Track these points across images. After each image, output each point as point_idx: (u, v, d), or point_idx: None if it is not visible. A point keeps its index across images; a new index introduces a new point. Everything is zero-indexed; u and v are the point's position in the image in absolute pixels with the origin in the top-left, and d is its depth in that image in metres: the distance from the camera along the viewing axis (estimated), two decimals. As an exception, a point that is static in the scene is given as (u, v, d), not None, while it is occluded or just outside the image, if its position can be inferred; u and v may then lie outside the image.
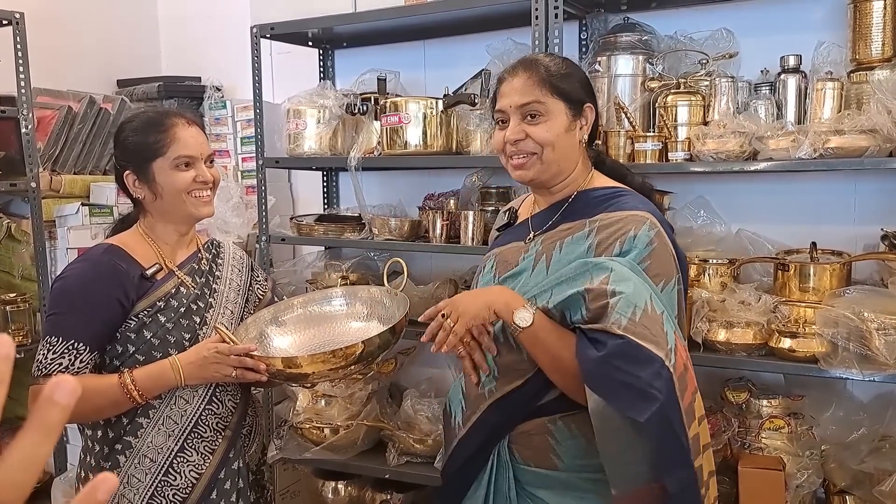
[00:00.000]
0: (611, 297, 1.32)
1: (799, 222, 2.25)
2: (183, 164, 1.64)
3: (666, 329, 1.32)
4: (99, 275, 1.60)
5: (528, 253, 1.53)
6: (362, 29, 2.68)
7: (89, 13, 3.29)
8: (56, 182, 2.79)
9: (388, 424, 2.58)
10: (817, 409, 2.17)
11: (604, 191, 1.54)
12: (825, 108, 2.00)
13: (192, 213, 1.67)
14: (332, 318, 1.83)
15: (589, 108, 1.53)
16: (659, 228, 1.43)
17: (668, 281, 1.41)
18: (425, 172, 2.80)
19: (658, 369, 1.27)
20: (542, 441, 1.48)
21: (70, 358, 1.55)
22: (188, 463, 1.65)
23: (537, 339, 1.41)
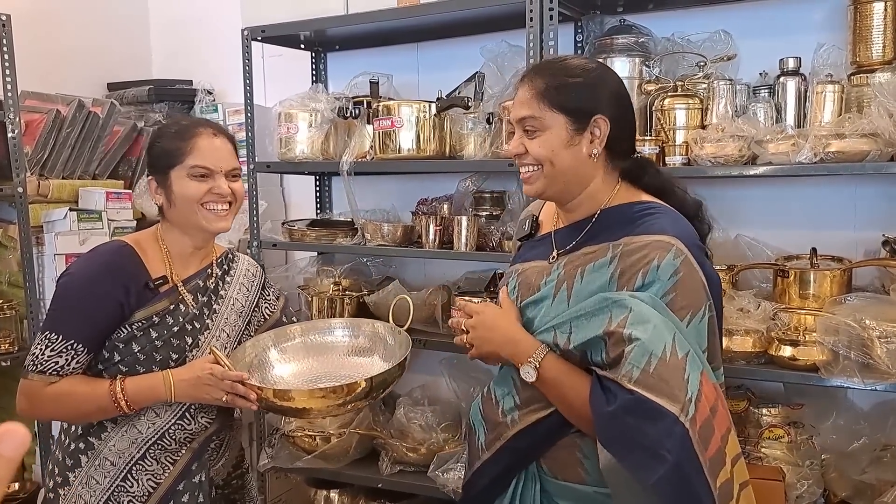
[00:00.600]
0: (627, 344, 1.25)
1: (799, 228, 2.21)
2: (199, 174, 1.61)
3: (687, 374, 1.22)
4: (106, 275, 1.58)
5: (550, 277, 1.45)
6: (355, 31, 2.64)
7: (80, 16, 3.24)
8: (44, 187, 2.74)
9: (381, 433, 2.54)
10: (818, 418, 2.14)
11: (630, 208, 1.43)
12: (825, 111, 1.97)
13: (203, 225, 1.63)
14: (332, 349, 1.78)
15: (601, 119, 1.39)
16: (686, 255, 1.32)
17: (697, 311, 1.32)
18: (419, 177, 2.76)
19: (670, 427, 1.19)
20: (569, 454, 1.42)
21: (67, 358, 1.53)
22: (146, 471, 1.62)
23: (547, 387, 1.38)
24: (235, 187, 1.67)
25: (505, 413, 1.46)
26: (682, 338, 1.26)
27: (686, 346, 1.25)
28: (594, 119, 1.39)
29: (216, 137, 1.65)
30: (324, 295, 2.57)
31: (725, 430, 1.26)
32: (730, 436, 1.27)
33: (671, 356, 1.23)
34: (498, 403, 1.49)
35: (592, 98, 1.40)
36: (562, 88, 1.40)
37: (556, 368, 1.37)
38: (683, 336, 1.27)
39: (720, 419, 1.25)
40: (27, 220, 2.61)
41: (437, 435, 2.48)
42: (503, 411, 1.47)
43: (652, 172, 1.50)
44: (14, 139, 2.58)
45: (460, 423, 2.54)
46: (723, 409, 1.28)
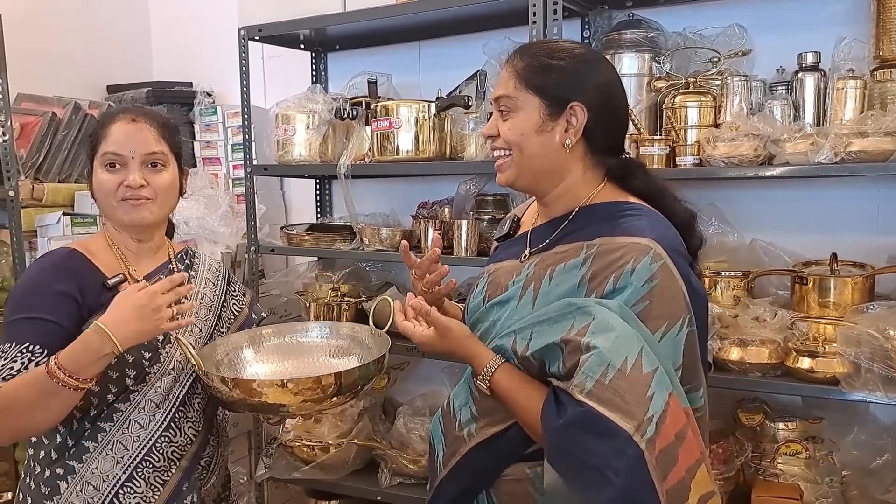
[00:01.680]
0: (584, 353, 1.15)
1: (818, 232, 2.11)
2: (109, 163, 1.48)
3: (651, 392, 1.11)
4: (55, 275, 1.45)
5: (518, 277, 1.36)
6: (354, 30, 2.57)
7: (80, 19, 3.20)
8: (38, 191, 2.68)
9: (381, 444, 2.47)
10: (837, 433, 2.04)
11: (612, 207, 1.33)
12: (846, 108, 1.87)
13: (120, 218, 1.51)
14: (309, 351, 1.69)
15: (578, 107, 1.28)
16: (665, 261, 1.22)
17: (674, 324, 1.21)
18: (419, 179, 2.68)
19: (620, 446, 1.08)
20: (521, 488, 1.32)
21: (23, 361, 1.37)
22: (135, 494, 1.49)
23: (501, 397, 1.30)
24: (154, 179, 1.50)
25: (462, 425, 1.37)
26: (650, 352, 1.16)
27: (654, 363, 1.15)
28: (571, 106, 1.29)
29: (134, 122, 1.50)
30: (322, 301, 2.49)
31: (694, 461, 1.14)
32: (699, 469, 1.14)
33: (633, 370, 1.13)
34: (456, 416, 1.39)
35: (573, 83, 1.30)
36: (540, 69, 1.31)
37: (510, 380, 1.28)
38: (653, 350, 1.16)
39: (688, 448, 1.13)
40: (19, 224, 2.56)
41: (438, 447, 2.39)
42: (460, 423, 1.38)
43: (640, 175, 1.38)
44: (5, 142, 2.52)
45: (463, 435, 2.46)
46: (693, 437, 1.15)
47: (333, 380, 1.41)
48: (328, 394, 1.41)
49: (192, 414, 1.58)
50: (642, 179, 1.38)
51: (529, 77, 1.31)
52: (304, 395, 1.40)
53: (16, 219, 2.55)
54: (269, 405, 1.41)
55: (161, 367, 1.52)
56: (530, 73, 1.31)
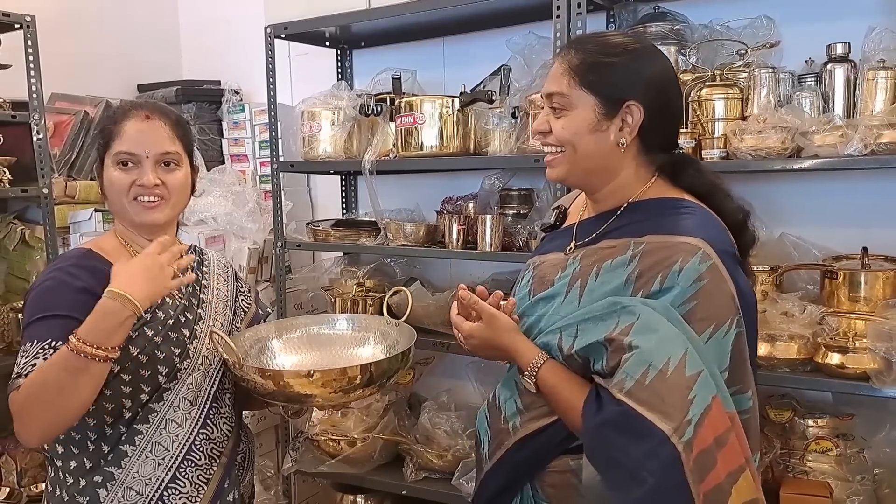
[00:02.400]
0: (626, 352, 1.15)
1: (848, 225, 2.07)
2: (122, 162, 1.45)
3: (693, 395, 1.10)
4: (72, 275, 1.42)
5: (564, 272, 1.35)
6: (379, 27, 2.58)
7: (112, 19, 3.26)
8: (71, 188, 2.74)
9: (406, 438, 2.49)
10: (869, 430, 2.01)
11: (661, 203, 1.30)
12: (877, 99, 1.83)
13: (133, 219, 1.48)
14: (334, 342, 1.70)
15: (634, 106, 1.26)
16: (714, 261, 1.20)
17: (720, 325, 1.19)
18: (444, 175, 2.68)
19: (655, 447, 1.08)
20: (564, 479, 1.32)
21: (45, 357, 1.33)
22: (181, 494, 1.47)
23: (546, 397, 1.30)
24: (168, 178, 1.48)
25: (507, 419, 1.37)
26: (695, 355, 1.14)
27: (699, 365, 1.13)
28: (626, 105, 1.26)
29: (149, 120, 1.46)
30: (347, 296, 2.51)
31: (736, 467, 1.12)
32: (743, 476, 1.12)
33: (674, 372, 1.12)
34: (501, 409, 1.39)
35: (628, 81, 1.27)
36: (595, 67, 1.28)
37: (555, 377, 1.28)
38: (699, 353, 1.15)
39: (729, 454, 1.11)
40: (52, 220, 2.61)
41: (462, 441, 2.40)
42: (505, 417, 1.38)
43: (691, 171, 1.35)
44: (40, 141, 2.58)
45: (488, 430, 2.46)
46: (738, 443, 1.13)
47: (360, 371, 1.42)
48: (355, 385, 1.42)
49: (224, 409, 1.58)
50: (694, 175, 1.35)
51: (584, 74, 1.28)
52: (331, 386, 1.41)
53: (49, 215, 2.60)
54: (298, 395, 1.42)
55: (191, 363, 1.51)
56: (585, 71, 1.28)
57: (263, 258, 2.91)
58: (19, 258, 2.79)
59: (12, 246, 2.76)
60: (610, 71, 1.27)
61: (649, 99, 1.27)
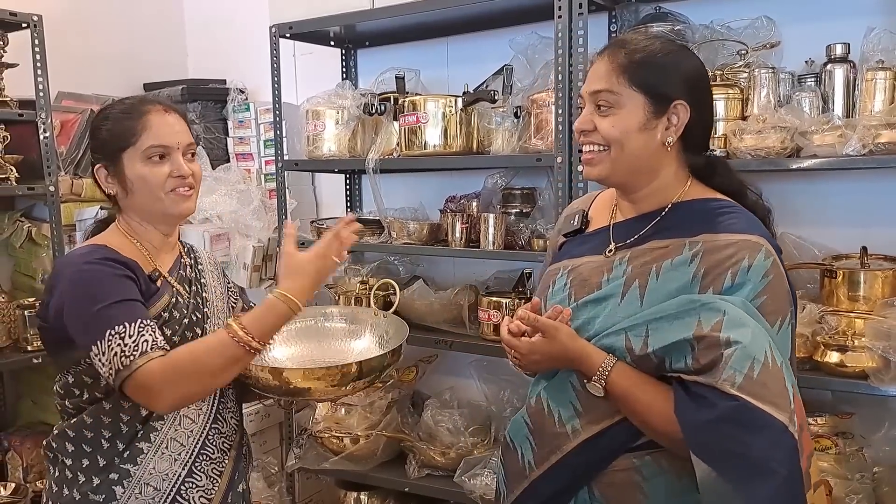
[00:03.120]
0: (725, 348, 1.15)
1: (848, 225, 2.08)
2: (156, 155, 1.46)
3: (788, 385, 1.15)
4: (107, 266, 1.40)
5: (612, 274, 1.34)
6: (383, 27, 2.60)
7: (118, 18, 3.28)
8: (77, 186, 2.76)
9: (409, 436, 2.50)
10: (868, 428, 2.02)
11: (706, 204, 1.33)
12: (876, 100, 1.84)
13: (171, 211, 1.50)
14: (331, 335, 1.73)
15: (681, 105, 1.28)
16: (775, 257, 1.25)
17: (784, 319, 1.24)
18: (447, 174, 2.70)
19: (777, 437, 1.10)
20: (626, 478, 1.30)
21: (151, 333, 1.36)
22: (197, 488, 1.50)
23: (617, 401, 1.28)
24: (194, 167, 1.52)
25: (563, 422, 1.34)
26: (775, 346, 1.18)
27: (780, 356, 1.17)
28: (675, 104, 1.28)
29: (168, 113, 1.49)
30: (351, 293, 2.53)
31: (811, 450, 1.18)
32: (813, 459, 1.18)
33: (772, 363, 1.15)
34: (552, 412, 1.36)
35: (676, 81, 1.29)
36: (646, 65, 1.28)
37: (627, 380, 1.26)
38: (776, 345, 1.19)
39: (806, 438, 1.17)
40: (59, 218, 2.64)
41: (465, 439, 2.42)
42: (560, 420, 1.34)
43: (724, 172, 1.39)
44: (47, 139, 2.60)
45: (489, 427, 2.48)
46: (807, 428, 1.19)
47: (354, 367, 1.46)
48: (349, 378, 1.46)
49: (230, 404, 1.61)
50: (726, 176, 1.39)
51: (635, 73, 1.28)
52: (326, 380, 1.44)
53: (56, 213, 2.63)
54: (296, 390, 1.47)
55: None
56: (636, 69, 1.29)
57: (268, 256, 2.93)
58: (26, 255, 2.82)
59: (19, 243, 2.79)
60: (660, 70, 1.29)
61: (694, 98, 1.30)
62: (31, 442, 2.76)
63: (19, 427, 2.88)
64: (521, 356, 1.35)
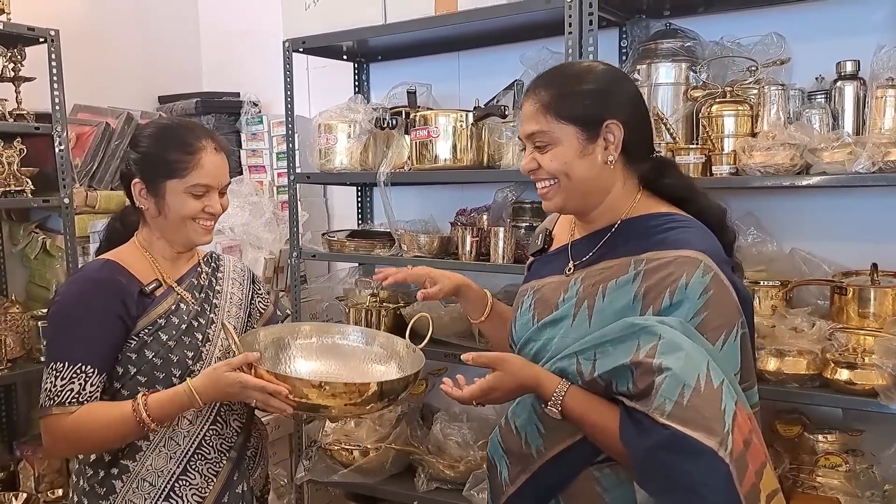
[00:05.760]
0: (657, 375, 1.16)
1: (858, 241, 2.08)
2: (199, 193, 1.57)
3: (724, 405, 1.14)
4: (98, 292, 1.52)
5: (567, 293, 1.36)
6: (395, 41, 2.63)
7: (132, 32, 3.33)
8: (91, 198, 2.80)
9: (418, 448, 2.50)
10: (878, 446, 2.01)
11: (653, 220, 1.34)
12: (886, 117, 1.84)
13: (192, 239, 1.61)
14: (350, 354, 1.74)
15: (613, 124, 1.31)
16: (715, 271, 1.24)
17: (731, 330, 1.24)
18: (458, 187, 2.72)
19: (709, 463, 1.11)
20: (588, 488, 1.34)
21: (80, 382, 1.48)
22: (190, 486, 1.57)
23: (574, 420, 1.30)
24: (224, 203, 1.64)
25: (528, 444, 1.38)
26: (716, 365, 1.18)
27: (721, 375, 1.17)
28: (606, 125, 1.32)
29: (218, 154, 1.60)
30: (361, 306, 2.55)
31: (759, 464, 1.16)
32: (765, 471, 1.17)
33: (706, 386, 1.15)
34: (520, 433, 1.40)
35: (601, 103, 1.32)
36: (567, 97, 1.33)
37: (581, 404, 1.28)
38: (717, 363, 1.18)
39: (754, 452, 1.16)
40: (73, 230, 2.67)
41: (474, 452, 2.41)
42: (526, 442, 1.39)
43: (673, 175, 1.41)
44: (62, 152, 2.64)
45: (498, 441, 2.48)
46: (757, 441, 1.18)
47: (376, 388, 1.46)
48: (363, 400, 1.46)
49: (236, 406, 1.65)
50: (675, 179, 1.41)
51: (560, 107, 1.32)
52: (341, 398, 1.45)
53: (70, 225, 2.67)
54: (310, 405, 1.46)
55: (203, 365, 1.59)
56: (560, 104, 1.32)
57: (279, 268, 2.95)
58: (40, 266, 2.85)
59: (34, 254, 2.83)
60: (581, 98, 1.32)
61: (625, 113, 1.33)
62: (43, 452, 2.78)
63: (31, 437, 2.90)
64: (483, 398, 1.34)
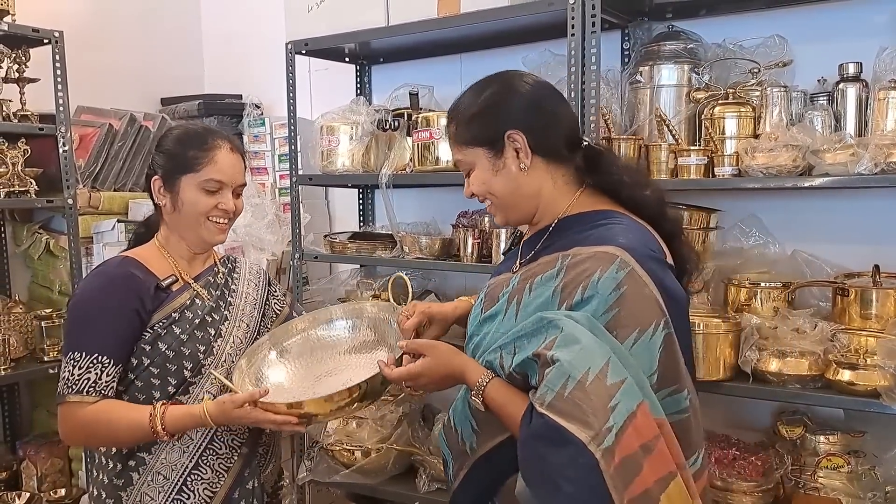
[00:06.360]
0: (549, 366, 1.18)
1: (860, 243, 2.08)
2: (212, 188, 1.63)
3: (615, 402, 1.12)
4: (116, 287, 1.59)
5: (505, 289, 1.40)
6: (397, 44, 2.63)
7: (135, 34, 3.34)
8: (95, 199, 2.80)
9: (419, 449, 2.50)
10: (880, 447, 2.00)
11: (585, 217, 1.37)
12: (888, 119, 1.85)
13: (204, 237, 1.66)
14: (334, 346, 1.74)
15: (512, 133, 1.35)
16: (632, 268, 1.24)
17: (645, 329, 1.22)
18: (459, 189, 2.67)
19: (573, 455, 1.10)
20: None
21: (97, 372, 1.53)
22: (202, 480, 1.62)
23: (495, 412, 1.31)
24: (238, 203, 1.69)
25: (464, 440, 1.41)
26: (618, 363, 1.16)
27: (622, 373, 1.15)
28: (506, 136, 1.36)
29: (233, 153, 1.66)
30: (363, 307, 2.54)
31: (666, 473, 1.13)
32: (674, 482, 1.13)
33: (594, 380, 1.14)
34: (457, 430, 1.43)
35: (493, 119, 1.37)
36: (465, 124, 1.39)
37: (500, 396, 1.29)
38: (623, 361, 1.18)
39: (658, 459, 1.13)
40: (76, 230, 2.68)
41: (475, 453, 2.42)
42: (462, 438, 1.41)
43: (602, 167, 1.41)
44: (66, 153, 2.64)
45: (500, 442, 2.48)
46: (666, 449, 1.15)
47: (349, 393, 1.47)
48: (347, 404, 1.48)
49: None
50: (604, 172, 1.41)
51: (461, 136, 1.40)
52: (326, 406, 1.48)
53: (73, 225, 2.67)
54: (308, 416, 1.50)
55: (214, 360, 1.64)
56: (461, 133, 1.40)
57: (281, 269, 2.96)
58: (43, 267, 2.86)
59: (37, 255, 2.84)
60: (476, 121, 1.38)
61: (521, 119, 1.36)
62: (45, 451, 2.79)
63: (34, 437, 2.91)
64: (413, 382, 1.39)
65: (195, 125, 1.74)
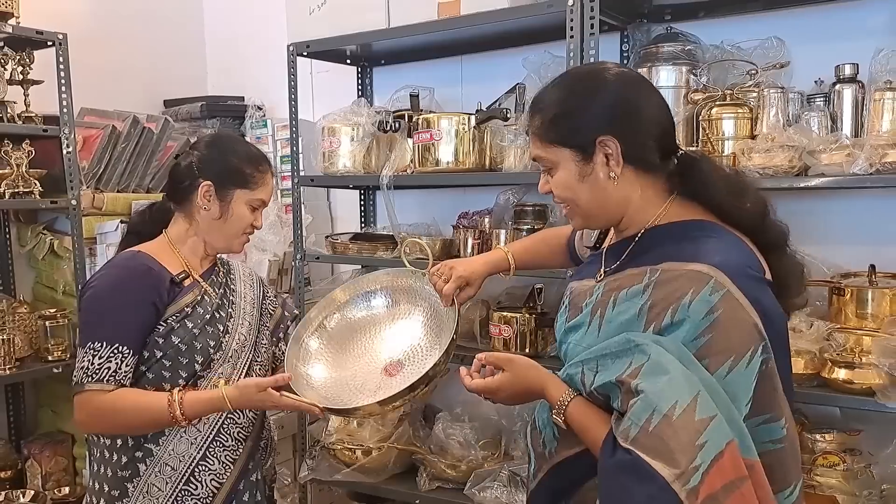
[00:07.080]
0: (634, 397, 1.12)
1: (856, 243, 2.10)
2: (257, 206, 1.75)
3: (703, 440, 1.06)
4: (135, 279, 1.64)
5: (590, 299, 1.32)
6: (399, 45, 2.65)
7: (139, 36, 3.36)
8: (98, 200, 2.83)
9: (420, 448, 2.52)
10: (876, 445, 2.01)
11: (677, 228, 1.27)
12: (884, 120, 1.86)
13: (234, 248, 1.77)
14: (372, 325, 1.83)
15: (605, 139, 1.24)
16: (727, 290, 1.14)
17: (742, 357, 1.13)
18: (461, 190, 2.74)
19: (655, 492, 1.06)
20: (593, 498, 1.31)
21: (117, 362, 1.57)
22: (209, 472, 1.66)
23: (576, 431, 1.28)
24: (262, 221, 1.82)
25: (545, 444, 1.39)
26: (708, 398, 1.10)
27: (712, 410, 1.09)
28: (598, 142, 1.25)
29: (272, 177, 1.80)
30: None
31: None
32: None
33: (682, 416, 1.08)
34: (541, 433, 1.40)
35: (588, 121, 1.26)
36: (553, 121, 1.29)
37: (582, 415, 1.26)
38: (714, 394, 1.11)
39: (740, 498, 1.07)
40: (80, 231, 2.70)
41: (476, 452, 2.43)
42: (543, 442, 1.39)
43: (697, 176, 1.28)
44: (69, 154, 2.67)
45: (500, 441, 2.50)
46: (749, 493, 1.08)
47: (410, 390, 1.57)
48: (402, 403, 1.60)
49: None
50: (698, 182, 1.29)
51: (547, 133, 1.29)
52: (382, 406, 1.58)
53: (77, 226, 2.70)
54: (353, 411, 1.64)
55: (223, 354, 1.70)
56: (546, 130, 1.29)
57: (283, 270, 2.98)
58: (47, 268, 2.88)
59: (41, 255, 2.86)
60: (566, 119, 1.27)
61: (617, 125, 1.25)
62: (50, 450, 2.82)
63: (39, 436, 2.93)
64: (493, 396, 1.39)
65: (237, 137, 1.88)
